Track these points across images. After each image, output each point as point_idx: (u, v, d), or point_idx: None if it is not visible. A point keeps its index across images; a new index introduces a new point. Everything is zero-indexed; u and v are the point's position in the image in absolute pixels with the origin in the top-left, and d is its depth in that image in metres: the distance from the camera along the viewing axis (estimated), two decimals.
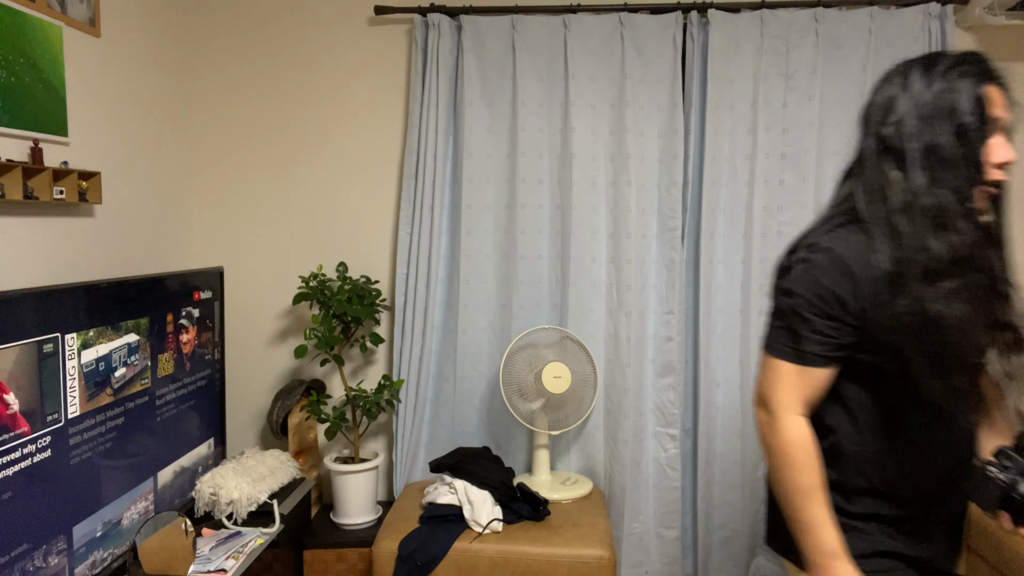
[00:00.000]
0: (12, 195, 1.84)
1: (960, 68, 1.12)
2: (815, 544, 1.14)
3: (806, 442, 1.15)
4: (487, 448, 2.70)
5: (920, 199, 1.10)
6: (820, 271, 1.13)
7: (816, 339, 1.15)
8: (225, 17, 2.87)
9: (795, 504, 1.15)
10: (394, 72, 2.86)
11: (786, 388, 1.17)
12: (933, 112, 1.11)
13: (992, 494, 1.14)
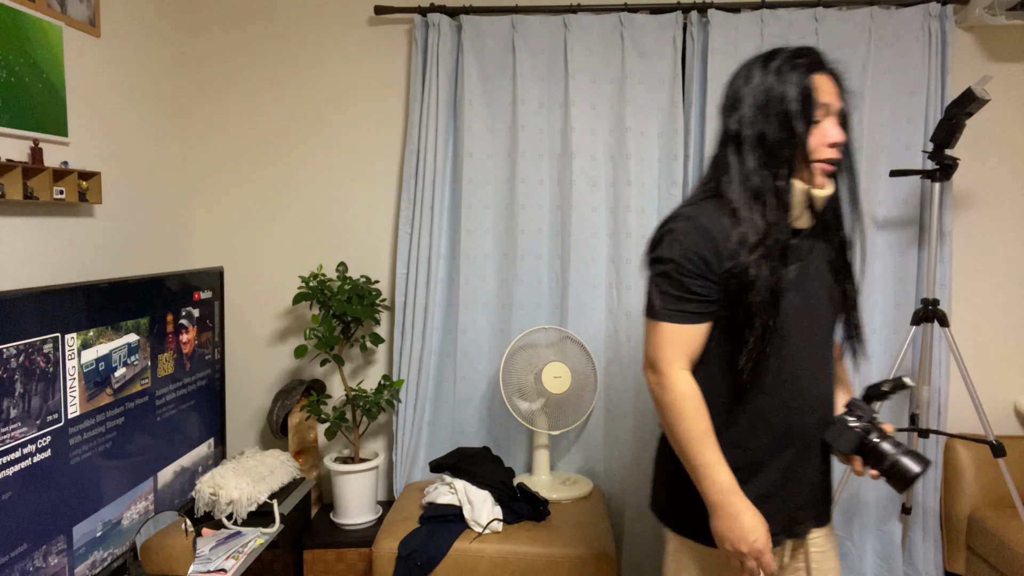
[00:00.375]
0: (12, 195, 1.84)
1: (792, 61, 1.24)
2: (712, 483, 1.23)
3: (694, 393, 1.26)
4: (487, 448, 2.70)
5: (750, 180, 1.25)
6: (685, 236, 1.25)
7: (690, 298, 1.26)
8: (225, 17, 2.87)
9: (690, 451, 1.24)
10: (394, 72, 2.86)
11: (669, 347, 1.27)
12: (766, 102, 1.24)
13: (850, 441, 1.28)
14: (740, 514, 1.22)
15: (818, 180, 1.27)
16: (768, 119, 1.23)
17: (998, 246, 2.77)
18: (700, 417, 1.25)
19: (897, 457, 1.25)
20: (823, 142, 1.24)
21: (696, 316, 1.26)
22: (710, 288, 1.25)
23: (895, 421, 2.70)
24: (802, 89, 1.22)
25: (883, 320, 2.69)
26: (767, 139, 1.23)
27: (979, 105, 2.26)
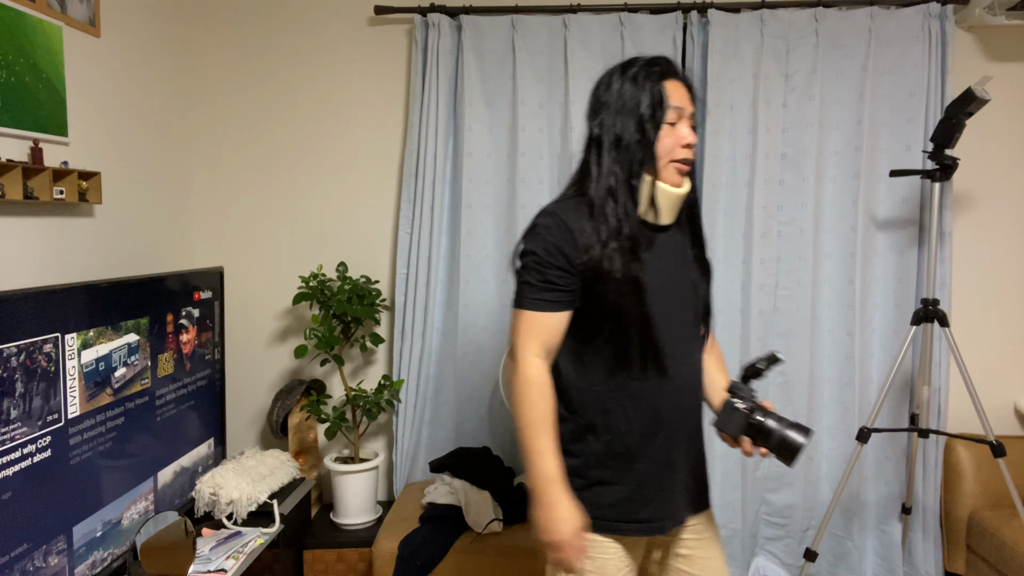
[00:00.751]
0: (12, 195, 1.84)
1: (647, 69, 1.34)
2: (538, 470, 1.29)
3: (539, 380, 1.32)
4: (487, 448, 2.70)
5: (607, 179, 1.34)
6: (547, 231, 1.33)
7: (549, 288, 1.33)
8: (225, 17, 2.87)
9: (525, 436, 1.31)
10: (394, 72, 2.86)
11: (527, 333, 1.34)
12: (623, 106, 1.33)
13: (738, 422, 1.33)
14: (554, 503, 1.27)
15: (675, 179, 1.36)
16: (625, 122, 1.33)
17: (998, 246, 2.77)
18: (540, 404, 1.31)
19: (783, 432, 1.29)
20: (678, 143, 1.34)
21: (554, 305, 1.34)
22: (569, 279, 1.33)
23: (895, 422, 2.70)
24: (655, 94, 1.32)
25: (883, 320, 2.69)
26: (623, 141, 1.33)
27: (979, 105, 2.26)
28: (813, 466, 2.72)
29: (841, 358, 2.70)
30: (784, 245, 2.70)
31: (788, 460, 1.29)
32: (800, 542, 2.72)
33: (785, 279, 2.70)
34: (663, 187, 1.35)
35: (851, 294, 2.67)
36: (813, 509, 2.72)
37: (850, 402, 2.68)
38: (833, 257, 2.70)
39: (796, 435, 1.28)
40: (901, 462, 2.70)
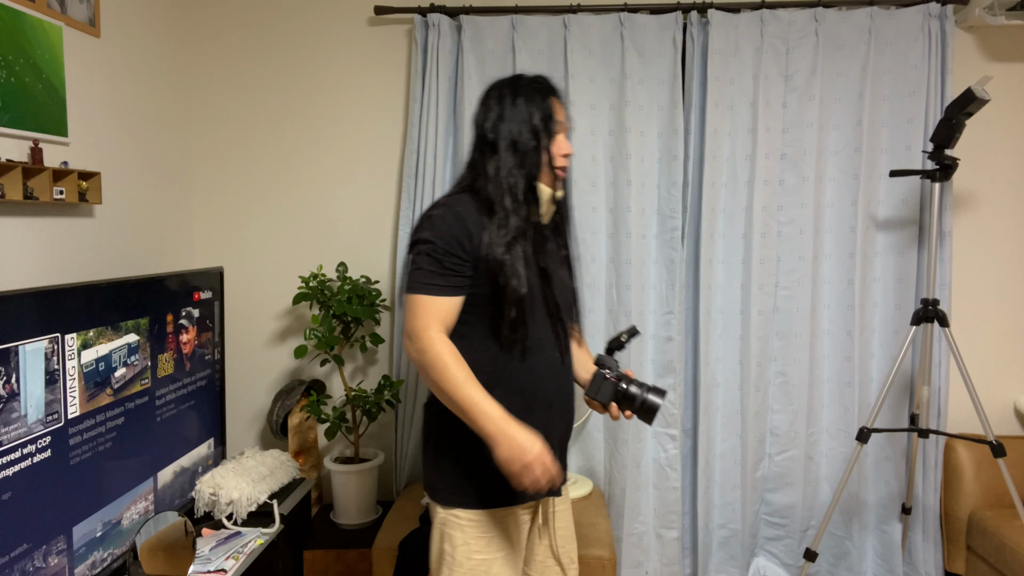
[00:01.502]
0: (12, 195, 1.84)
1: (536, 85, 1.52)
2: (485, 416, 1.35)
3: (451, 348, 1.41)
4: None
5: (505, 179, 1.47)
6: (441, 220, 1.44)
7: (444, 273, 1.43)
8: (225, 17, 2.87)
9: (459, 396, 1.37)
10: (394, 72, 2.86)
11: (425, 316, 1.42)
12: (518, 117, 1.49)
13: (608, 391, 1.50)
14: (515, 435, 1.33)
15: (555, 183, 1.53)
16: (521, 130, 1.48)
17: (998, 246, 2.77)
18: (461, 365, 1.38)
19: (644, 396, 1.48)
20: (560, 152, 1.52)
21: (450, 289, 1.44)
22: (462, 266, 1.44)
23: (895, 422, 2.70)
24: (546, 108, 1.50)
25: (883, 320, 2.69)
26: (519, 146, 1.48)
27: (979, 105, 2.27)
28: (813, 466, 2.72)
29: (841, 358, 2.70)
30: (784, 245, 2.70)
31: (648, 419, 1.47)
32: (800, 542, 2.72)
33: (785, 279, 2.70)
34: (544, 189, 1.51)
35: (851, 294, 2.67)
36: (813, 509, 2.72)
37: (850, 402, 2.68)
38: (833, 257, 2.70)
39: (655, 397, 1.47)
40: (901, 462, 2.70)
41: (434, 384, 1.40)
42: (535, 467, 1.33)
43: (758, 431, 2.71)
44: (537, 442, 1.34)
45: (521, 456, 1.32)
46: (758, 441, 2.71)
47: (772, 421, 2.74)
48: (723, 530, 2.73)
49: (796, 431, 2.70)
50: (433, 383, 1.40)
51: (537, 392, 1.49)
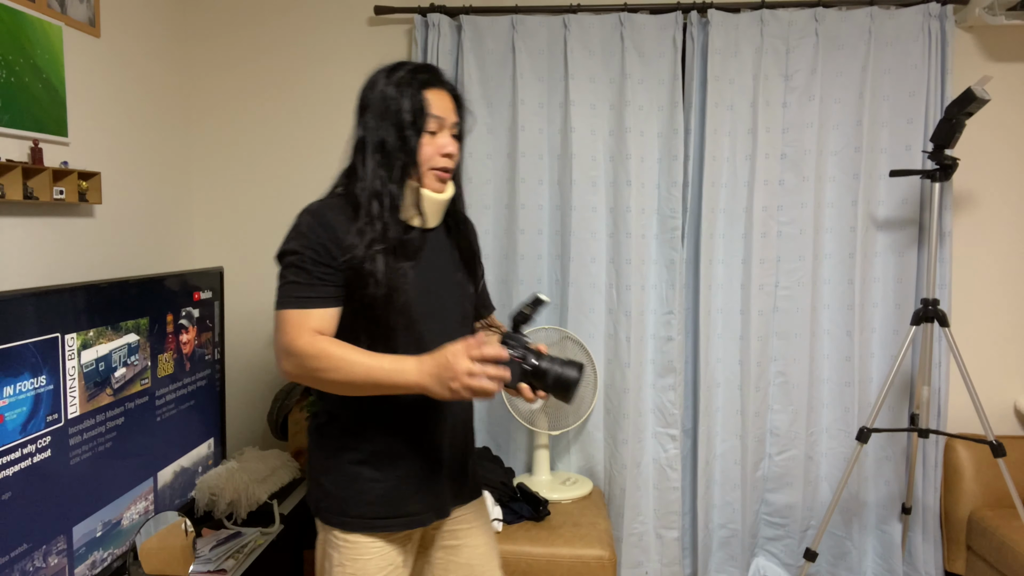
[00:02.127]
0: (12, 195, 1.84)
1: (411, 76, 1.36)
2: (398, 372, 1.24)
3: (331, 340, 1.28)
4: (487, 448, 2.70)
5: (371, 182, 1.33)
6: (308, 229, 1.31)
7: (315, 284, 1.31)
8: (225, 17, 2.87)
9: (363, 373, 1.24)
10: None
11: (298, 331, 1.28)
12: (385, 111, 1.34)
13: (515, 371, 1.30)
14: (425, 364, 1.22)
15: (435, 185, 1.40)
16: (387, 127, 1.34)
17: (998, 246, 2.77)
18: (346, 348, 1.26)
19: (557, 370, 1.27)
20: (438, 152, 1.38)
21: (321, 301, 1.31)
22: (333, 275, 1.31)
23: (895, 421, 2.70)
24: (416, 102, 1.34)
25: (883, 320, 2.69)
26: (387, 146, 1.34)
27: (979, 105, 2.26)
28: (813, 466, 2.72)
29: (841, 358, 2.70)
30: (784, 245, 2.70)
31: (566, 397, 1.27)
32: (800, 542, 2.72)
33: (785, 279, 2.70)
34: (426, 193, 1.38)
35: (851, 294, 2.67)
36: (813, 509, 2.72)
37: (850, 402, 2.68)
38: (833, 257, 2.70)
39: (569, 371, 1.26)
40: (901, 462, 2.70)
41: (333, 383, 1.27)
42: (463, 376, 1.19)
43: (758, 431, 2.71)
44: (445, 352, 1.21)
45: (449, 374, 1.19)
46: (758, 441, 2.71)
47: (772, 421, 2.74)
48: (723, 530, 2.73)
49: (796, 431, 2.70)
50: (331, 379, 1.26)
51: (426, 409, 1.38)
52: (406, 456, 1.38)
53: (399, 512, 1.37)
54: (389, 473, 1.37)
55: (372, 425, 1.37)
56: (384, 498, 1.36)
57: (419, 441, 1.39)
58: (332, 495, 1.37)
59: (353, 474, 1.37)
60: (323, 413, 1.42)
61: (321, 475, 1.40)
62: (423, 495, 1.40)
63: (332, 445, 1.39)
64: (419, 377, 1.23)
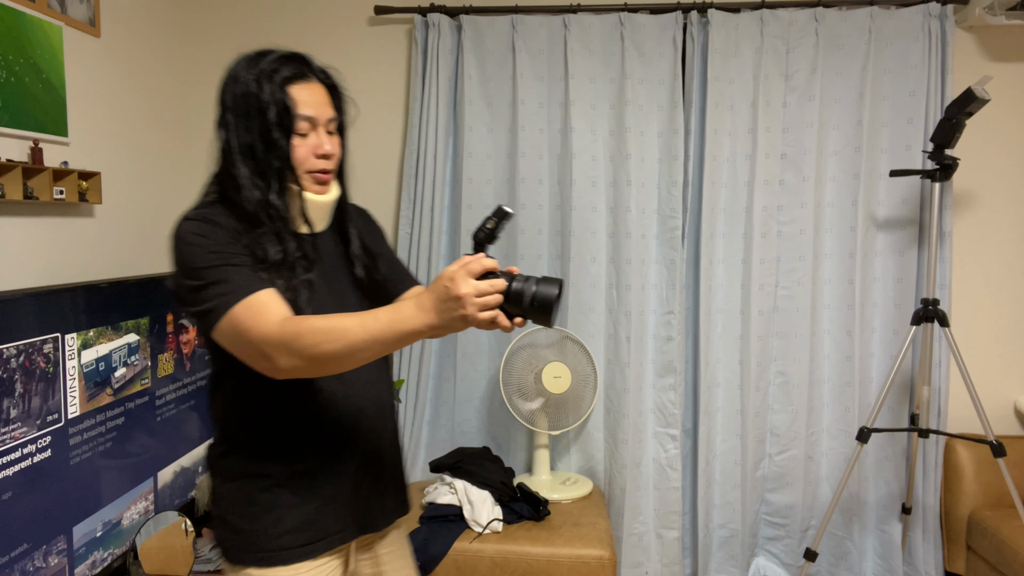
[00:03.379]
0: (12, 195, 1.84)
1: (274, 71, 1.18)
2: (400, 315, 1.07)
3: (304, 315, 1.12)
4: (487, 448, 2.70)
5: (249, 192, 1.18)
6: (201, 234, 1.14)
7: (246, 268, 1.14)
8: (225, 17, 2.87)
9: (360, 331, 1.07)
10: (394, 72, 2.86)
11: (264, 318, 1.10)
12: (247, 112, 1.18)
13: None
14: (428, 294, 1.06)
15: (314, 188, 1.24)
16: (252, 130, 1.18)
17: (998, 246, 2.77)
18: (332, 316, 1.08)
19: (534, 289, 1.09)
20: (312, 153, 1.22)
21: (260, 281, 1.14)
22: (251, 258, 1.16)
23: (895, 421, 2.70)
24: (279, 103, 1.17)
25: (883, 320, 2.69)
26: (255, 151, 1.18)
27: (979, 105, 2.26)
28: (813, 466, 2.72)
29: (841, 358, 2.70)
30: (784, 245, 2.70)
31: (546, 320, 1.10)
32: (800, 542, 2.72)
33: (785, 279, 2.70)
34: (309, 197, 1.23)
35: (851, 294, 2.67)
36: (813, 509, 2.72)
37: (850, 402, 2.68)
38: (833, 257, 2.70)
39: (547, 287, 1.09)
40: (901, 462, 2.70)
41: (333, 357, 1.07)
42: (473, 292, 1.03)
43: (758, 431, 2.71)
44: (441, 280, 1.05)
45: (457, 304, 1.03)
46: (758, 441, 2.71)
47: (772, 421, 2.74)
48: (723, 530, 2.73)
49: (796, 431, 2.70)
50: (331, 357, 1.08)
51: (343, 418, 1.26)
52: (326, 473, 1.25)
53: (321, 535, 1.25)
54: (309, 495, 1.24)
55: (283, 444, 1.23)
56: (306, 523, 1.23)
57: (339, 455, 1.26)
58: (243, 531, 1.23)
59: (267, 503, 1.22)
60: (221, 442, 1.27)
61: (227, 512, 1.25)
62: (354, 509, 1.29)
63: (237, 474, 1.24)
64: (423, 317, 1.06)
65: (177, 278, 1.16)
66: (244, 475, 1.24)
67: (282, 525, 1.22)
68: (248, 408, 1.23)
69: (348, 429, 1.27)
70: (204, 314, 1.13)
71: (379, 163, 2.88)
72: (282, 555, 1.22)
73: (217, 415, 1.28)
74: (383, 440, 1.34)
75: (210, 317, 1.13)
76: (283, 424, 1.23)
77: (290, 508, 1.23)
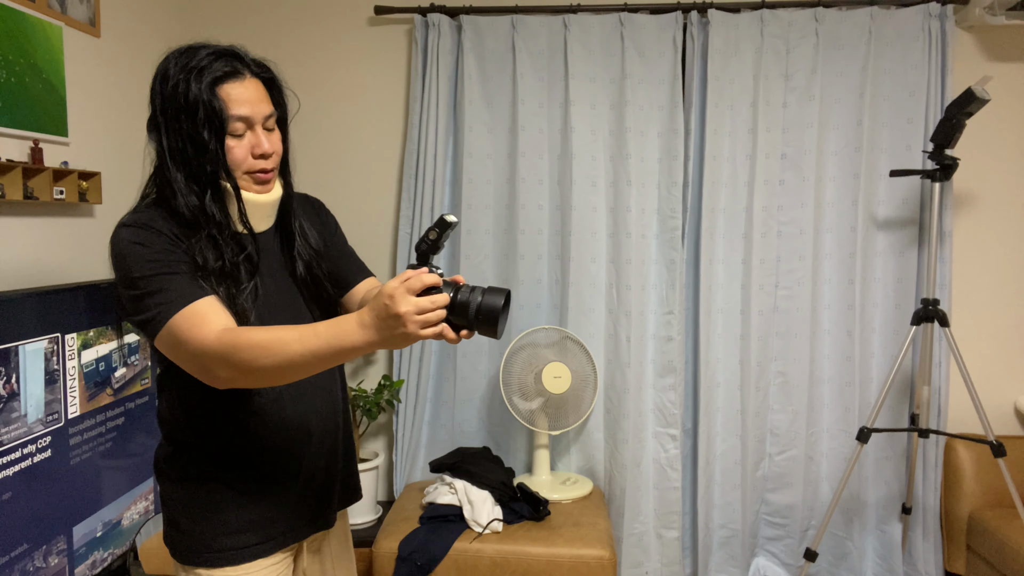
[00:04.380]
0: (12, 195, 1.84)
1: (203, 68, 1.12)
2: (340, 330, 1.04)
3: (243, 327, 1.08)
4: (487, 448, 2.70)
5: (186, 198, 1.14)
6: (137, 243, 1.12)
7: (185, 275, 1.11)
8: (225, 17, 2.87)
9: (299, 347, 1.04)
10: (394, 72, 2.86)
11: (201, 328, 1.07)
12: (177, 115, 1.12)
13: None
14: (368, 311, 1.03)
15: (255, 188, 1.20)
16: (182, 133, 1.12)
17: (998, 246, 2.77)
18: (271, 328, 1.06)
19: (479, 300, 1.05)
20: (250, 153, 1.17)
21: (201, 290, 1.11)
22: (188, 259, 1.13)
23: (895, 421, 2.70)
24: (211, 106, 1.11)
25: (883, 320, 2.69)
26: (187, 155, 1.13)
27: (979, 105, 2.26)
28: (813, 466, 2.72)
29: (841, 358, 2.70)
30: (784, 245, 2.70)
31: (492, 331, 1.06)
32: (800, 542, 2.72)
33: (785, 279, 2.70)
34: (248, 197, 1.19)
35: (851, 294, 2.67)
36: (813, 509, 2.72)
37: (850, 402, 2.68)
38: (833, 257, 2.70)
39: (493, 298, 1.05)
40: (901, 462, 2.70)
41: (270, 370, 1.05)
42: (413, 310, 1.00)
43: (758, 431, 2.71)
44: (380, 298, 1.02)
45: (396, 323, 1.00)
46: (758, 441, 2.71)
47: (772, 421, 2.74)
48: (723, 530, 2.73)
49: (796, 431, 2.70)
50: (268, 371, 1.05)
51: (288, 418, 1.23)
52: (275, 472, 1.23)
53: (271, 534, 1.24)
54: (258, 495, 1.22)
55: (230, 445, 1.21)
56: (255, 523, 1.22)
57: (288, 454, 1.24)
58: (192, 532, 1.21)
59: (215, 504, 1.21)
60: (167, 443, 1.25)
61: (176, 513, 1.23)
62: (298, 510, 1.27)
63: (184, 476, 1.22)
64: (363, 334, 1.03)
65: (117, 287, 1.14)
66: (191, 477, 1.22)
67: (231, 525, 1.21)
68: (193, 410, 1.21)
69: (297, 428, 1.25)
70: (144, 324, 1.11)
71: (379, 163, 2.88)
72: (231, 555, 1.21)
73: (163, 417, 1.25)
74: (335, 437, 1.32)
75: (150, 327, 1.11)
76: (229, 425, 1.21)
77: (238, 508, 1.21)
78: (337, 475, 1.34)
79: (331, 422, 1.31)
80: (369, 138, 2.88)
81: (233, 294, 1.15)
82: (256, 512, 1.22)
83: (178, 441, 1.23)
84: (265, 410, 1.21)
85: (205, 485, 1.21)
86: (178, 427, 1.23)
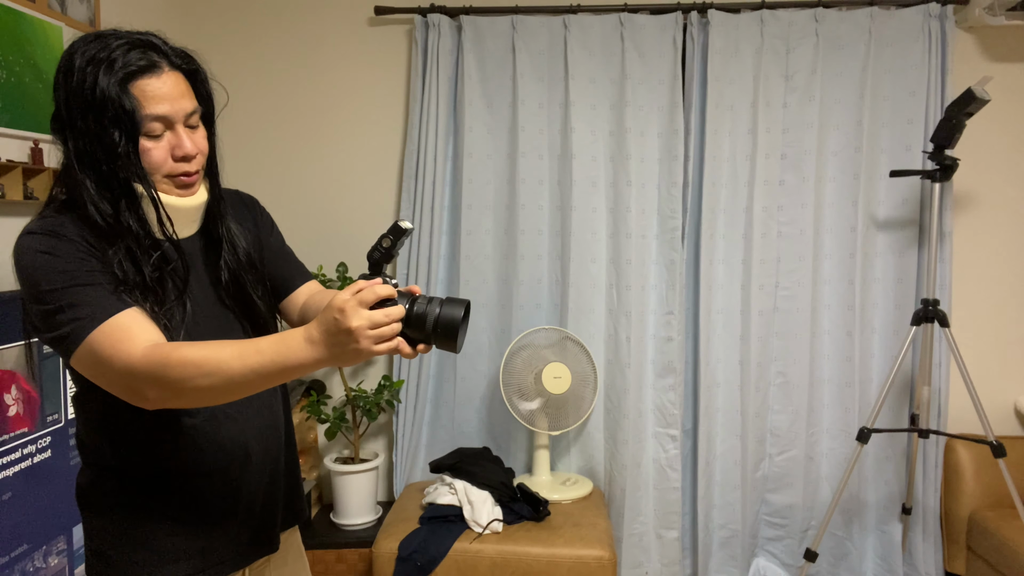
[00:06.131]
0: (12, 195, 1.84)
1: (112, 60, 1.00)
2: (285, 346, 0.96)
3: (173, 345, 0.96)
4: (487, 448, 2.70)
5: (99, 207, 1.02)
6: (51, 255, 0.99)
7: (104, 286, 1.00)
8: (225, 18, 2.87)
9: (239, 364, 0.95)
10: (394, 72, 2.86)
11: (127, 344, 0.96)
12: (84, 114, 0.99)
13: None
14: (315, 325, 0.96)
15: (176, 192, 1.09)
16: (90, 135, 1.00)
17: (998, 246, 2.77)
18: (208, 344, 0.96)
19: (437, 312, 1.00)
20: (170, 155, 1.06)
21: (121, 303, 1.00)
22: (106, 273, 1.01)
23: (895, 422, 2.70)
24: (122, 106, 0.99)
25: (883, 320, 2.69)
26: (97, 158, 1.00)
27: (979, 105, 2.27)
28: (813, 466, 2.72)
29: (841, 358, 2.70)
30: (784, 245, 2.70)
31: (451, 344, 1.01)
32: (800, 542, 2.72)
33: (785, 279, 2.70)
34: (169, 201, 1.07)
35: (851, 294, 2.67)
36: (813, 509, 2.72)
37: (850, 402, 2.68)
38: (833, 257, 2.70)
39: (452, 310, 1.00)
40: (901, 462, 2.70)
41: (208, 391, 0.96)
42: (366, 325, 0.94)
43: (758, 431, 2.71)
44: (331, 311, 0.94)
45: (348, 338, 0.94)
46: (758, 441, 2.71)
47: (772, 421, 2.74)
48: (723, 530, 2.73)
49: (796, 431, 2.70)
50: (207, 391, 0.96)
51: (222, 437, 1.12)
52: (212, 497, 1.12)
53: (209, 563, 1.12)
54: (193, 523, 1.11)
55: (159, 470, 1.10)
56: (190, 552, 1.11)
57: (225, 477, 1.13)
58: (118, 565, 1.09)
59: (145, 535, 1.09)
60: (88, 469, 1.12)
61: (103, 544, 1.10)
62: (239, 535, 1.16)
63: (111, 504, 1.10)
64: (311, 351, 0.95)
65: (25, 302, 1.02)
66: (119, 505, 1.10)
67: (164, 556, 1.10)
68: (117, 433, 1.09)
69: (234, 449, 1.13)
70: (57, 342, 0.99)
71: (379, 163, 2.88)
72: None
73: (83, 441, 1.12)
74: (276, 457, 1.21)
75: (64, 345, 0.99)
76: (158, 449, 1.09)
77: (171, 537, 1.10)
78: (279, 499, 1.23)
79: (272, 441, 1.20)
80: (369, 138, 2.88)
81: (156, 312, 1.03)
82: (191, 540, 1.11)
83: (101, 467, 1.11)
84: (198, 431, 1.10)
85: (134, 514, 1.10)
86: (100, 452, 1.10)
